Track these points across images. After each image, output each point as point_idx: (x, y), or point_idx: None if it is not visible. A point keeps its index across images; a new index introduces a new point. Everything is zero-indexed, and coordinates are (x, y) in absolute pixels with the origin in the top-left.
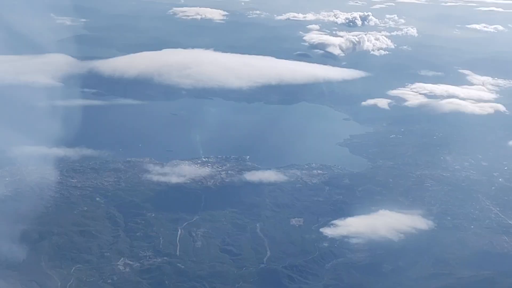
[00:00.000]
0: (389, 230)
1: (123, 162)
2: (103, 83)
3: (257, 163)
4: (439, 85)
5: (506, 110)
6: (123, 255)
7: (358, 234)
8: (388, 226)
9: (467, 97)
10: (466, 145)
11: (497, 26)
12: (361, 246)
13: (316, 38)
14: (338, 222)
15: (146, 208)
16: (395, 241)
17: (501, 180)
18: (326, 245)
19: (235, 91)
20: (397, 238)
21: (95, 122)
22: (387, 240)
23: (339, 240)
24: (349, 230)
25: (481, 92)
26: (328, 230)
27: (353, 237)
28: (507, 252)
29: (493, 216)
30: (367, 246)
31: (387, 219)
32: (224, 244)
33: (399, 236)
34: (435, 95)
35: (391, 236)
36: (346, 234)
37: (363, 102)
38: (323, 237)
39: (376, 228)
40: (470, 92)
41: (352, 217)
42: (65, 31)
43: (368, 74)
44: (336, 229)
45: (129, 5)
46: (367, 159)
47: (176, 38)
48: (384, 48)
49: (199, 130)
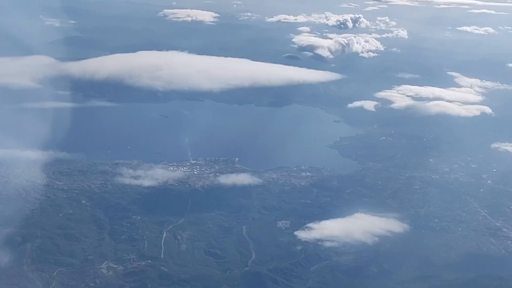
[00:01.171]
0: (364, 233)
1: (110, 164)
2: (78, 85)
3: (246, 166)
4: (426, 87)
5: (493, 112)
6: (106, 258)
7: (332, 237)
8: (363, 229)
9: (453, 99)
10: (455, 147)
11: (487, 29)
12: (348, 248)
13: (305, 40)
14: (313, 225)
15: (132, 210)
16: (370, 244)
17: (490, 182)
18: (299, 248)
19: (214, 93)
20: (371, 241)
21: (78, 125)
22: (361, 244)
23: (313, 244)
24: (323, 233)
25: (468, 94)
26: (303, 233)
27: (327, 241)
28: (493, 254)
29: (480, 218)
30: (353, 248)
31: (362, 222)
32: (209, 247)
33: (374, 239)
34: (421, 97)
35: (365, 239)
36: (320, 237)
37: (349, 104)
38: (296, 240)
39: (350, 231)
40: (456, 94)
41: (327, 220)
42: (54, 32)
43: (356, 76)
44: (311, 233)
45: (120, 7)
46: (357, 161)
47: (165, 40)
48: (373, 50)
49: (188, 132)
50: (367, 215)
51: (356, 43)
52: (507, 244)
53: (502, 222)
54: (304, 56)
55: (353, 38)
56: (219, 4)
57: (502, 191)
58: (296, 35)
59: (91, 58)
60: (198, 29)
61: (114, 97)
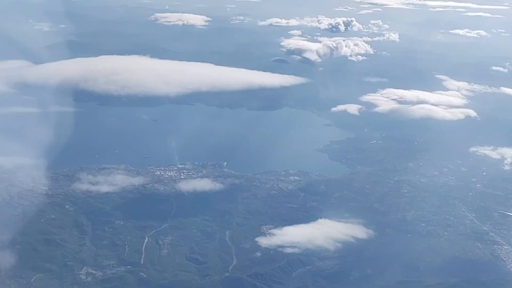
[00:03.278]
0: (326, 239)
1: (97, 169)
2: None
3: (234, 170)
4: (411, 90)
5: (478, 115)
6: (86, 264)
7: (294, 243)
8: (326, 235)
9: (438, 103)
10: (445, 151)
11: (479, 32)
12: (331, 253)
13: (293, 43)
14: (276, 231)
15: (115, 215)
16: (331, 250)
17: (479, 186)
18: (259, 254)
19: (170, 97)
20: (333, 248)
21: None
22: (323, 250)
23: (273, 250)
24: (284, 239)
25: (453, 98)
26: (264, 239)
27: (288, 247)
28: (479, 259)
29: (468, 222)
30: (336, 253)
31: (326, 228)
32: (190, 252)
33: (336, 245)
34: (405, 100)
35: (327, 246)
36: (281, 243)
37: (333, 108)
38: (257, 246)
39: (313, 237)
40: (442, 98)
41: (290, 226)
42: (41, 37)
43: (343, 79)
44: (272, 239)
45: (111, 11)
46: (346, 165)
47: (152, 44)
48: (362, 53)
49: (177, 136)
50: (332, 221)
51: (345, 47)
52: (493, 249)
53: (489, 226)
54: (293, 59)
55: (341, 41)
56: (212, 8)
57: (491, 195)
58: (287, 38)
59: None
60: (188, 33)
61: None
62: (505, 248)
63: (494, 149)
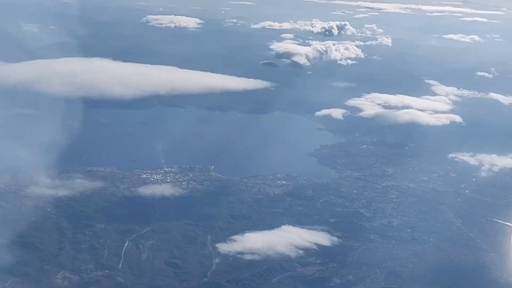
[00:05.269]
0: (288, 246)
1: (83, 171)
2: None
3: (222, 174)
4: (396, 95)
5: (463, 121)
6: (63, 268)
7: (254, 250)
8: (287, 242)
9: (424, 108)
10: (433, 156)
11: (473, 37)
12: (313, 259)
13: (283, 47)
14: (237, 238)
15: (97, 219)
16: (293, 258)
17: (468, 192)
18: (218, 261)
19: (125, 100)
20: (294, 255)
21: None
22: (284, 257)
23: (232, 257)
24: (245, 246)
25: (440, 103)
26: (224, 245)
27: (248, 254)
28: (464, 266)
29: (454, 228)
30: (318, 259)
31: (288, 234)
32: (170, 256)
33: (298, 252)
34: (390, 105)
35: (288, 253)
36: (241, 250)
37: (317, 112)
38: (216, 252)
39: (274, 244)
40: (428, 103)
41: (252, 233)
42: (28, 38)
43: (330, 83)
44: (232, 245)
45: (106, 12)
46: (335, 169)
47: (141, 47)
48: (352, 57)
49: (165, 139)
50: (295, 228)
51: (335, 51)
52: (478, 255)
53: (476, 233)
54: (282, 63)
55: (331, 45)
56: (206, 11)
57: (480, 201)
58: (279, 42)
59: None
60: (179, 36)
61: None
62: (491, 255)
63: (473, 155)
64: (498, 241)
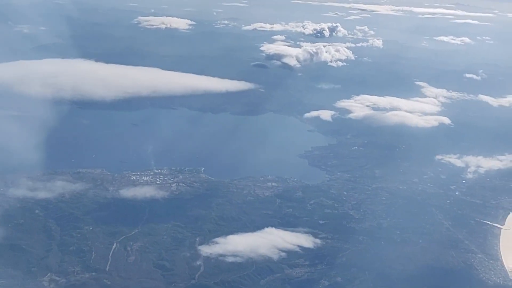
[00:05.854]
0: (270, 248)
1: (72, 173)
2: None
3: (212, 175)
4: (385, 97)
5: (451, 123)
6: (51, 270)
7: (236, 252)
8: (270, 244)
9: (413, 110)
10: (426, 158)
11: (464, 39)
12: (301, 261)
13: (273, 48)
14: (219, 240)
15: (85, 221)
16: (275, 260)
17: (458, 193)
18: (199, 263)
19: (106, 102)
20: (277, 257)
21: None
22: (266, 259)
23: (214, 259)
24: (227, 248)
25: (429, 105)
26: (206, 248)
27: (230, 256)
28: (453, 267)
29: (443, 230)
30: (307, 261)
31: (271, 237)
32: (159, 259)
33: (280, 254)
34: (378, 107)
35: (271, 255)
36: (223, 252)
37: (306, 114)
38: (198, 255)
39: (256, 247)
40: (417, 105)
41: (234, 235)
42: (16, 38)
43: (320, 85)
44: (214, 247)
45: (98, 14)
46: (325, 171)
47: (129, 48)
48: (343, 59)
49: (156, 141)
50: (278, 230)
51: (326, 52)
52: (467, 257)
53: (465, 234)
54: (272, 64)
55: (322, 47)
56: (198, 12)
57: (469, 203)
58: (270, 43)
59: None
60: (170, 37)
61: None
62: (479, 256)
63: (460, 157)
64: (487, 242)
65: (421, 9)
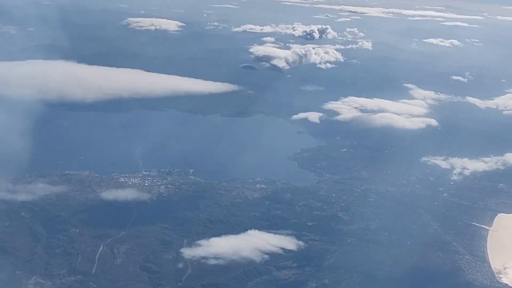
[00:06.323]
0: (253, 251)
1: (60, 175)
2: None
3: (201, 177)
4: (373, 99)
5: (438, 125)
6: (36, 273)
7: (219, 254)
8: (253, 246)
9: (400, 112)
10: (415, 160)
11: (453, 41)
12: (289, 263)
13: (262, 50)
14: (202, 242)
15: (71, 223)
16: (257, 262)
17: (446, 195)
18: (181, 266)
19: (86, 103)
20: (259, 259)
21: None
22: (248, 261)
23: (196, 262)
24: (209, 251)
25: (416, 107)
26: (189, 250)
27: (212, 258)
28: (440, 269)
29: (431, 231)
30: (295, 263)
31: (254, 239)
32: (146, 261)
33: (263, 257)
34: (366, 109)
35: (253, 257)
36: (205, 255)
37: (294, 116)
38: (180, 258)
39: (239, 249)
40: (405, 107)
41: (217, 238)
42: (4, 40)
43: (309, 87)
44: (197, 250)
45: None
46: (315, 173)
47: (116, 49)
48: (332, 61)
49: (145, 142)
50: (261, 232)
51: (315, 54)
52: (454, 258)
53: (452, 236)
54: (261, 66)
55: (311, 49)
56: (189, 14)
57: (457, 204)
58: (260, 45)
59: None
60: (159, 38)
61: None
62: (466, 258)
63: (445, 159)
64: (474, 244)
65: (411, 11)
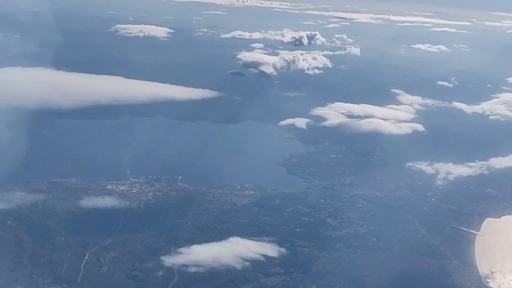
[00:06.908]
0: (234, 258)
1: (46, 183)
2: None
3: (189, 184)
4: (360, 104)
5: (425, 130)
6: (20, 283)
7: (199, 262)
8: (234, 254)
9: (387, 117)
10: (403, 165)
11: (440, 47)
12: (277, 270)
13: (250, 56)
14: (183, 250)
15: (57, 231)
16: (238, 269)
17: (434, 200)
18: (161, 274)
19: (63, 110)
20: (240, 266)
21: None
22: (230, 268)
23: (176, 269)
24: (189, 258)
25: (403, 112)
26: (169, 258)
27: (193, 266)
28: (428, 274)
29: (419, 237)
30: (283, 269)
31: (235, 246)
32: (132, 269)
33: (244, 264)
34: (353, 114)
35: (234, 264)
36: (185, 262)
37: (281, 122)
38: (160, 265)
39: (220, 256)
40: (391, 112)
41: (198, 245)
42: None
43: (296, 93)
44: (177, 257)
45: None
46: (303, 179)
47: (103, 56)
48: (320, 67)
49: (133, 149)
50: (243, 239)
51: (303, 60)
52: (442, 263)
53: (440, 241)
54: (249, 72)
55: (299, 55)
56: (178, 20)
57: (445, 209)
58: (248, 51)
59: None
60: (148, 45)
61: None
62: (454, 263)
63: (430, 164)
64: (462, 248)
65: (400, 17)
